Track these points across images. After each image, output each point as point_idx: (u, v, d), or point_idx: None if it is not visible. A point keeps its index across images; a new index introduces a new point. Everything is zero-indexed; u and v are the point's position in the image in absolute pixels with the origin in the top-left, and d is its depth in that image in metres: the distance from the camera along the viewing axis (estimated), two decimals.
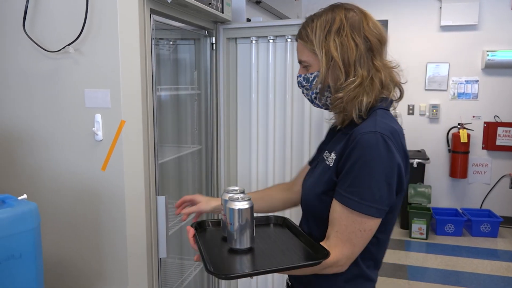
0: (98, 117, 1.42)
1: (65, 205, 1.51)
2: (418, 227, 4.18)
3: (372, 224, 0.99)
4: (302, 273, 1.07)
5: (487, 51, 4.35)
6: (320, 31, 1.06)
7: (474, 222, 4.24)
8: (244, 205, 1.05)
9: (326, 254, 0.97)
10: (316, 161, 1.22)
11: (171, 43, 2.22)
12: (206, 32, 2.12)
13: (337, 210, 1.01)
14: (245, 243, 1.05)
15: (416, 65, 4.63)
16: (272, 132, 2.20)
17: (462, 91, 4.55)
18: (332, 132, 1.21)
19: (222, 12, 2.00)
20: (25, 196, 1.16)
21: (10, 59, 1.49)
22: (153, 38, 1.54)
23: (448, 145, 4.64)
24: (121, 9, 1.37)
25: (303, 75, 1.13)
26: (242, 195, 1.08)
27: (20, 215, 1.08)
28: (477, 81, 4.50)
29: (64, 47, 1.40)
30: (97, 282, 1.52)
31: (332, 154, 1.07)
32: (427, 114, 4.67)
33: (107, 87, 1.40)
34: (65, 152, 1.48)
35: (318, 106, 1.16)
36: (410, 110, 4.70)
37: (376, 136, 0.96)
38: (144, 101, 1.51)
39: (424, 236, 4.18)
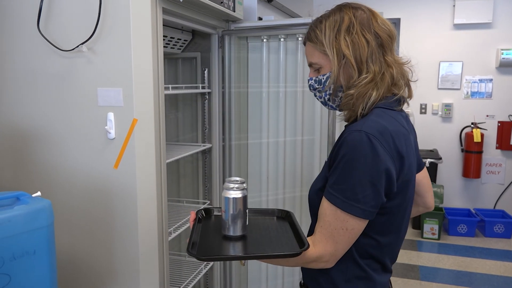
0: (111, 115, 1.43)
1: (78, 202, 1.53)
2: (430, 227, 4.14)
3: (354, 223, 0.99)
4: (289, 264, 1.09)
5: (502, 50, 4.28)
6: (330, 31, 1.06)
7: (487, 222, 4.19)
8: (237, 194, 1.08)
9: (305, 246, 0.99)
10: None
11: (182, 41, 2.23)
12: (217, 30, 2.12)
13: (323, 206, 1.02)
14: (238, 231, 1.09)
15: (429, 64, 4.58)
16: (283, 130, 2.19)
17: (476, 90, 4.49)
18: None
19: (234, 11, 2.00)
20: (39, 193, 1.18)
21: (24, 58, 1.51)
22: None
23: (461, 145, 4.59)
24: (133, 9, 1.38)
25: (314, 78, 1.12)
26: (237, 184, 1.10)
27: (34, 212, 1.09)
28: (491, 80, 4.43)
29: (77, 46, 1.42)
30: (109, 279, 1.54)
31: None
32: (440, 113, 4.61)
33: (120, 86, 1.41)
34: (78, 150, 1.50)
35: (332, 107, 1.15)
36: (423, 109, 4.65)
37: (360, 135, 0.96)
38: (156, 100, 1.52)
39: (436, 236, 4.14)
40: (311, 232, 1.13)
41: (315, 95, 1.16)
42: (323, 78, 1.09)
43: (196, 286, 2.36)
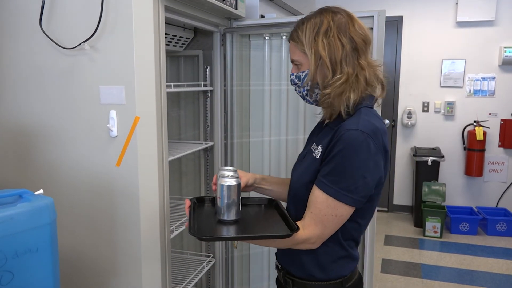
0: (113, 113, 1.43)
1: (80, 200, 1.53)
2: (432, 225, 4.14)
3: (343, 211, 1.11)
4: (278, 246, 1.21)
5: (505, 47, 4.27)
6: (310, 32, 1.16)
7: (489, 221, 4.18)
8: (232, 182, 1.18)
9: (296, 228, 1.10)
10: (304, 152, 1.32)
11: (184, 39, 2.23)
12: (220, 28, 2.12)
13: (315, 194, 1.12)
14: (231, 216, 1.19)
15: (432, 62, 4.56)
16: (285, 129, 2.19)
17: (479, 88, 4.48)
18: (321, 126, 1.32)
19: (236, 9, 2.00)
20: (41, 191, 1.18)
21: (27, 56, 1.51)
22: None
23: (464, 143, 4.58)
24: (135, 6, 1.38)
25: (295, 74, 1.23)
26: (232, 173, 1.20)
27: (37, 210, 1.10)
28: (493, 77, 4.42)
29: (79, 44, 1.42)
30: (111, 276, 1.54)
31: (319, 147, 1.18)
32: (442, 111, 4.60)
33: (122, 84, 1.41)
34: (81, 148, 1.50)
35: (309, 102, 1.25)
36: (425, 107, 4.64)
37: (357, 134, 1.07)
38: (158, 98, 1.52)
39: (438, 234, 4.13)
40: (291, 217, 1.23)
41: (295, 89, 1.26)
42: (302, 75, 1.20)
43: (198, 283, 2.37)
